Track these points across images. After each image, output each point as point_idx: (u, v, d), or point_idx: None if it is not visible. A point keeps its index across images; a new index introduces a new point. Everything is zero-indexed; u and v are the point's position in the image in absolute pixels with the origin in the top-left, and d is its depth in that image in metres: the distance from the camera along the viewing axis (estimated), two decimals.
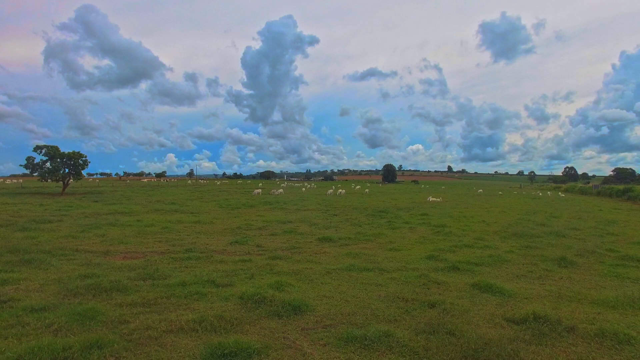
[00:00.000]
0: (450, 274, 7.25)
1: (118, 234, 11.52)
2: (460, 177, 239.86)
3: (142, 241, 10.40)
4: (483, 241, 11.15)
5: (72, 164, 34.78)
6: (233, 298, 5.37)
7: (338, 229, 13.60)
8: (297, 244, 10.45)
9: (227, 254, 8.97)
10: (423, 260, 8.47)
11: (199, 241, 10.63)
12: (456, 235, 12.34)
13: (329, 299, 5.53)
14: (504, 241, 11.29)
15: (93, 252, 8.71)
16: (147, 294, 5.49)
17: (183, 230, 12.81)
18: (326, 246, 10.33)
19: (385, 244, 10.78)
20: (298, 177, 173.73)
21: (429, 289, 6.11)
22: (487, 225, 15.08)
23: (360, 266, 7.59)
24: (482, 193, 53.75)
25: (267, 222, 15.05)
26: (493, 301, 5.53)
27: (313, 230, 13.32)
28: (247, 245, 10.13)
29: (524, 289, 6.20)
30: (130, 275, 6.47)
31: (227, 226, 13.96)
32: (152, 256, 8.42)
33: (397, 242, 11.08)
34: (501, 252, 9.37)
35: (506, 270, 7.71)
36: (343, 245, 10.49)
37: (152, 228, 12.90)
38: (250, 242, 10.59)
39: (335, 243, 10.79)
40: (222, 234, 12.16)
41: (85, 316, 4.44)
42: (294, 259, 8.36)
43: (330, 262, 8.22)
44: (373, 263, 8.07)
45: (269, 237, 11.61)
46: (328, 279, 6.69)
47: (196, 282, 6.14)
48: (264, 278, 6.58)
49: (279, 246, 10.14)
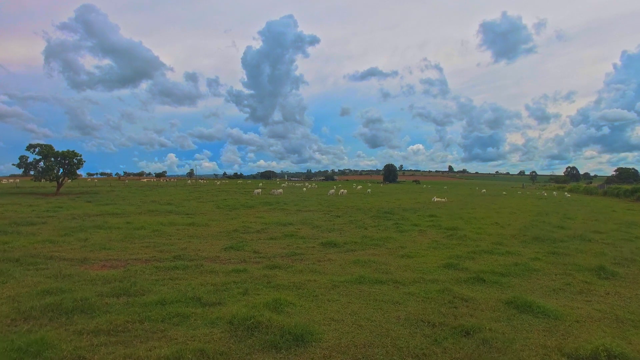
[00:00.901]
0: (476, 288, 6.26)
1: (102, 238, 10.55)
2: (461, 177, 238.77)
3: (127, 246, 9.42)
4: (502, 246, 10.16)
5: (67, 163, 33.84)
6: (221, 322, 4.39)
7: (342, 232, 12.62)
8: (299, 250, 9.47)
9: (220, 262, 7.99)
10: (441, 270, 7.48)
11: (190, 246, 9.65)
12: (471, 239, 11.34)
13: (338, 323, 4.54)
14: (525, 246, 10.29)
15: (68, 260, 7.74)
16: (117, 316, 4.51)
17: (175, 233, 11.83)
18: (330, 252, 9.35)
19: (395, 249, 9.80)
20: (299, 177, 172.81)
21: (456, 308, 5.12)
22: (502, 228, 14.08)
23: (372, 277, 6.60)
24: (486, 193, 52.72)
25: (266, 225, 14.07)
26: (538, 325, 4.54)
27: (315, 233, 12.33)
28: (243, 252, 9.15)
29: (569, 307, 5.20)
30: (102, 291, 5.49)
31: (223, 229, 12.97)
32: (134, 265, 7.44)
33: (408, 247, 10.09)
34: (526, 260, 8.38)
35: (538, 282, 6.72)
36: (349, 251, 9.50)
37: (141, 231, 11.93)
38: (246, 247, 9.60)
39: (340, 248, 9.81)
40: (216, 238, 11.18)
41: (27, 352, 3.46)
42: (295, 268, 7.38)
43: (336, 271, 7.23)
44: (385, 273, 7.09)
45: (267, 242, 10.63)
46: (335, 294, 5.70)
47: (179, 299, 5.16)
48: (260, 294, 5.59)
49: (278, 252, 9.15)
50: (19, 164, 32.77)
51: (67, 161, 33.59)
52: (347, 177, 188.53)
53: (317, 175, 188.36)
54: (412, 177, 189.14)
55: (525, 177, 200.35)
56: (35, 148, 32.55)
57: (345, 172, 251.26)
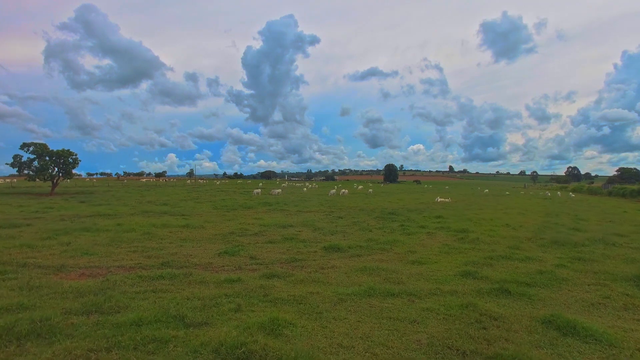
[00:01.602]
0: (503, 301, 5.47)
1: (87, 241, 9.77)
2: (462, 177, 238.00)
3: (112, 251, 8.64)
4: (520, 251, 9.37)
5: (62, 162, 33.07)
6: (205, 351, 3.61)
7: (346, 235, 11.83)
8: (299, 255, 8.69)
9: (212, 270, 7.21)
10: (458, 279, 6.70)
11: (181, 251, 8.86)
12: (485, 242, 10.56)
13: (348, 350, 3.76)
14: (545, 251, 9.51)
15: (43, 268, 6.95)
16: (80, 342, 3.73)
17: (167, 236, 11.04)
18: (334, 257, 8.56)
19: (404, 254, 9.01)
20: (299, 177, 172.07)
21: (486, 330, 4.33)
22: (514, 230, 13.29)
23: (382, 289, 5.82)
24: (489, 193, 51.93)
25: (265, 226, 13.28)
26: (591, 355, 3.75)
27: (317, 236, 11.55)
28: (239, 257, 8.36)
29: (621, 329, 4.42)
30: (70, 307, 4.70)
31: (218, 231, 12.19)
32: (116, 273, 6.66)
33: (417, 251, 9.31)
34: (551, 267, 7.59)
35: (571, 294, 5.93)
36: (354, 256, 8.72)
37: (130, 234, 11.14)
38: (242, 252, 8.82)
39: (344, 253, 9.02)
40: (211, 241, 10.40)
41: None
42: (295, 278, 6.59)
43: (342, 281, 6.45)
44: (397, 284, 6.30)
45: (265, 246, 9.84)
46: (342, 310, 4.92)
47: (159, 318, 4.38)
48: (255, 310, 4.81)
49: (277, 258, 8.37)
50: (13, 163, 31.99)
51: (62, 160, 32.81)
52: (347, 177, 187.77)
53: (318, 175, 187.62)
54: (413, 177, 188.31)
55: (526, 177, 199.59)
56: (29, 147, 31.78)
57: (345, 172, 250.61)
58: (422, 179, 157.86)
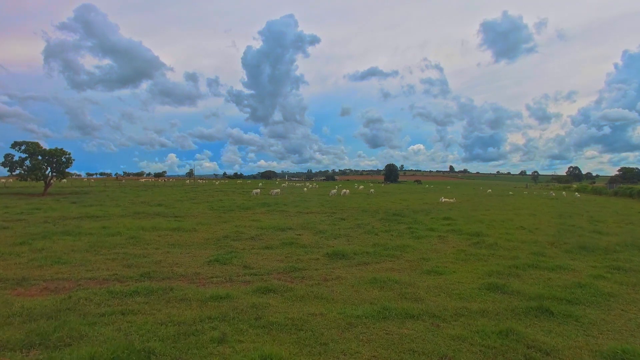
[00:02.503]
0: (547, 325, 4.49)
1: (64, 247, 8.80)
2: (462, 177, 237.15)
3: (88, 259, 7.66)
4: (546, 258, 8.39)
5: (55, 161, 32.12)
6: None
7: (350, 239, 10.86)
8: (299, 263, 7.71)
9: (199, 282, 6.24)
10: (485, 294, 5.72)
11: (167, 259, 7.89)
12: (504, 248, 9.57)
13: None
14: (573, 258, 8.53)
15: (1, 281, 5.98)
16: None
17: (154, 240, 10.07)
18: (339, 266, 7.59)
19: (417, 262, 8.03)
20: (299, 177, 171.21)
21: None
22: (531, 233, 12.31)
23: (398, 309, 4.84)
24: (493, 193, 50.93)
25: (262, 229, 12.31)
26: None
27: (319, 240, 10.57)
28: (231, 266, 7.38)
29: None
30: (9, 339, 3.73)
31: (211, 235, 11.22)
32: (85, 287, 5.68)
33: (431, 258, 8.33)
34: (588, 278, 6.61)
35: (626, 315, 4.94)
36: (361, 265, 7.74)
37: (115, 238, 10.18)
38: (235, 260, 7.84)
39: (350, 260, 8.05)
40: (202, 247, 9.43)
41: None
42: (294, 293, 5.62)
43: (349, 297, 5.48)
44: (415, 300, 5.33)
45: (261, 252, 8.87)
46: (353, 340, 3.94)
47: (117, 355, 3.40)
48: (243, 342, 3.83)
49: (274, 267, 7.39)
50: (4, 162, 31.04)
51: (54, 160, 31.86)
52: (347, 177, 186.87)
53: (318, 175, 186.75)
54: (413, 177, 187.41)
55: (526, 177, 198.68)
56: (21, 146, 30.81)
57: (345, 172, 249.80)
58: (422, 178, 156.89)
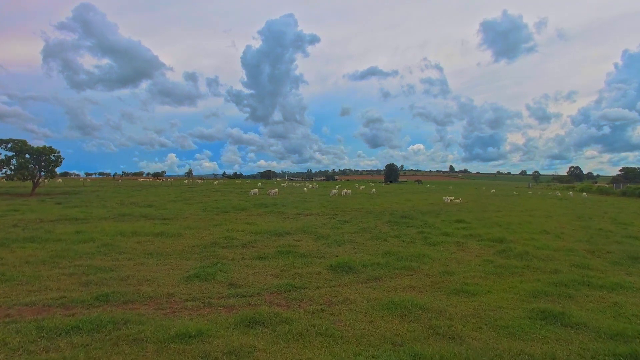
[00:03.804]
0: None
1: (20, 257, 7.43)
2: (463, 177, 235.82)
3: (40, 275, 6.29)
4: (595, 272, 7.03)
5: (43, 160, 30.73)
6: None
7: (356, 246, 9.50)
8: (297, 279, 6.35)
9: (169, 308, 4.87)
10: (539, 326, 4.37)
11: (137, 274, 6.53)
12: (537, 257, 8.21)
13: None
14: (629, 272, 7.17)
15: None
16: None
17: (130, 249, 8.71)
18: (345, 282, 6.23)
19: (439, 276, 6.67)
20: (299, 177, 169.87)
21: None
22: (560, 239, 10.95)
23: (434, 356, 3.48)
24: (497, 193, 49.58)
25: (257, 234, 10.96)
26: None
27: (320, 248, 9.21)
28: (213, 283, 6.02)
29: None
30: None
31: (198, 241, 9.87)
32: (12, 319, 4.32)
33: (455, 272, 6.96)
34: None
35: None
36: (373, 281, 6.38)
37: (85, 245, 8.82)
38: (220, 274, 6.48)
39: (358, 275, 6.69)
40: (184, 256, 8.07)
41: None
42: (289, 327, 4.25)
43: (363, 333, 4.12)
44: (451, 339, 3.97)
45: (253, 263, 7.51)
46: None
47: None
48: None
49: (265, 284, 6.03)
50: None
51: (43, 158, 30.47)
52: (347, 177, 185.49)
53: (318, 175, 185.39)
54: (413, 176, 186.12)
55: (527, 176, 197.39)
56: (7, 143, 29.43)
57: (345, 172, 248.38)
58: (422, 178, 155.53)
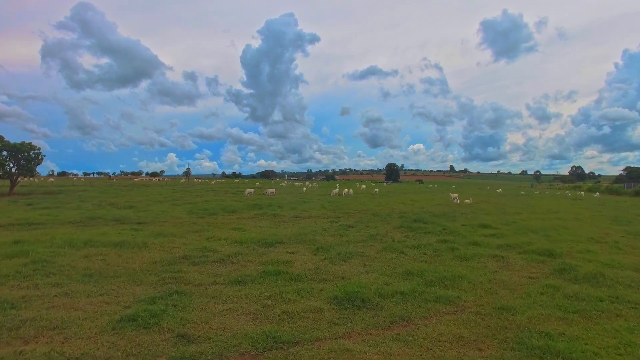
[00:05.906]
0: None
1: None
2: (463, 176, 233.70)
3: None
4: None
5: (22, 157, 28.54)
6: None
7: (367, 262, 7.33)
8: (286, 322, 4.20)
9: None
10: None
11: (47, 314, 4.37)
12: (618, 282, 6.05)
13: None
14: None
15: None
16: None
17: (69, 267, 6.55)
18: (358, 329, 4.07)
19: (495, 316, 4.51)
20: (299, 176, 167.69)
21: None
22: (622, 252, 8.80)
23: None
24: (504, 193, 47.45)
25: (242, 244, 8.81)
26: None
27: (321, 265, 7.04)
28: (153, 334, 3.85)
29: None
30: None
31: (165, 254, 7.71)
32: None
33: (515, 307, 4.80)
34: None
35: None
36: (398, 324, 4.22)
37: (10, 263, 6.67)
38: (169, 315, 4.31)
39: (376, 313, 4.53)
40: (134, 279, 5.91)
41: None
42: None
43: None
44: None
45: (226, 292, 5.34)
46: None
47: None
48: None
49: (236, 334, 3.86)
50: None
51: (21, 155, 28.28)
52: (347, 177, 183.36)
53: (318, 175, 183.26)
54: (414, 176, 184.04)
55: (527, 176, 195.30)
56: None
57: (345, 171, 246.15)
58: (423, 178, 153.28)
